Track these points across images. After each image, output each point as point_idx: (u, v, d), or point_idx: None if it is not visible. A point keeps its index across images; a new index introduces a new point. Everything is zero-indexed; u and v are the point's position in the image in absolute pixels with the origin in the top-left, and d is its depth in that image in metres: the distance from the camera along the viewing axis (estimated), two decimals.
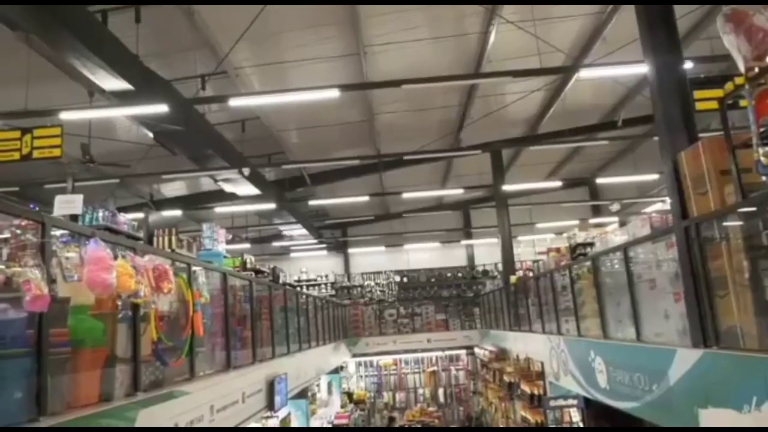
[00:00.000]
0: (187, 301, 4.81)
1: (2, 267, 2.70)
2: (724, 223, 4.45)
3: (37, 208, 3.99)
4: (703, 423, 4.57)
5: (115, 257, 3.53)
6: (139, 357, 3.88)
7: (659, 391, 5.32)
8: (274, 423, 10.66)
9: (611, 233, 7.60)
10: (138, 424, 3.66)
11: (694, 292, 4.57)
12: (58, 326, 3.13)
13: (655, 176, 15.07)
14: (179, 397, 4.40)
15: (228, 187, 13.66)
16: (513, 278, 13.89)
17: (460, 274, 23.78)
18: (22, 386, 2.76)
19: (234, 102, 9.22)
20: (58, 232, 3.33)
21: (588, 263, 7.83)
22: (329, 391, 16.05)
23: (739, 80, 4.00)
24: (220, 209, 16.72)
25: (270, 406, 7.33)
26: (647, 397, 5.62)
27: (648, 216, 6.22)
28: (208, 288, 5.59)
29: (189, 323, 4.79)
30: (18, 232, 2.84)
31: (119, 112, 9.33)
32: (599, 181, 19.23)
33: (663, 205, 16.51)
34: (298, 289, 14.76)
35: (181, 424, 4.43)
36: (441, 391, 21.11)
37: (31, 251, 2.88)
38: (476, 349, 19.68)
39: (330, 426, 12.48)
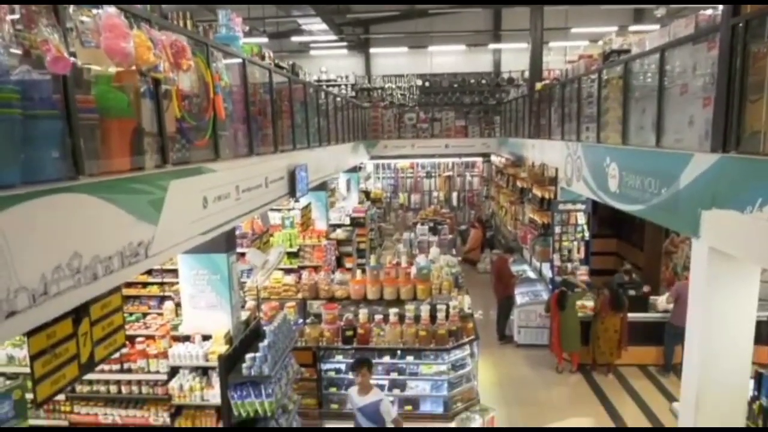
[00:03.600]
0: (208, 83, 4.81)
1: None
2: None
3: None
4: (704, 223, 4.79)
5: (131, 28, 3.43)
6: (164, 131, 4.00)
7: (667, 194, 5.49)
8: (296, 213, 11.46)
9: (649, 35, 7.10)
10: (169, 194, 3.91)
11: (726, 95, 4.42)
12: (83, 95, 3.20)
13: None
14: (206, 173, 4.64)
15: None
16: (539, 85, 13.49)
17: (484, 81, 23.07)
18: (57, 147, 2.90)
19: None
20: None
21: (619, 68, 7.50)
22: (348, 188, 16.87)
23: None
24: None
25: (292, 193, 7.73)
26: (654, 200, 5.83)
27: (695, 14, 5.74)
28: (228, 75, 5.53)
29: (210, 105, 4.85)
30: None
31: None
32: None
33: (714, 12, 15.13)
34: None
35: (210, 199, 4.75)
36: (455, 195, 22.11)
37: (45, 12, 2.79)
38: (493, 157, 20.05)
39: (348, 217, 13.34)
